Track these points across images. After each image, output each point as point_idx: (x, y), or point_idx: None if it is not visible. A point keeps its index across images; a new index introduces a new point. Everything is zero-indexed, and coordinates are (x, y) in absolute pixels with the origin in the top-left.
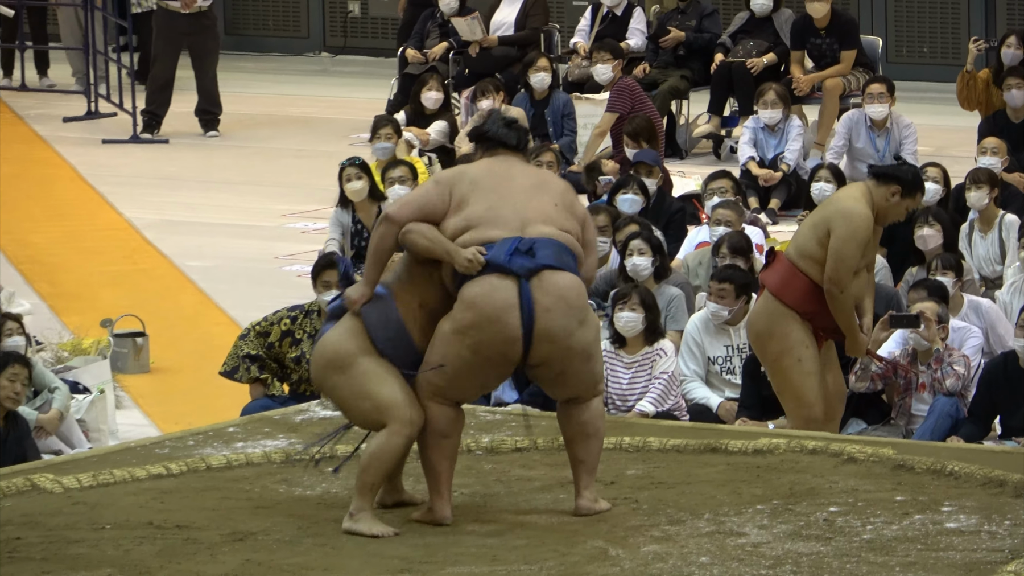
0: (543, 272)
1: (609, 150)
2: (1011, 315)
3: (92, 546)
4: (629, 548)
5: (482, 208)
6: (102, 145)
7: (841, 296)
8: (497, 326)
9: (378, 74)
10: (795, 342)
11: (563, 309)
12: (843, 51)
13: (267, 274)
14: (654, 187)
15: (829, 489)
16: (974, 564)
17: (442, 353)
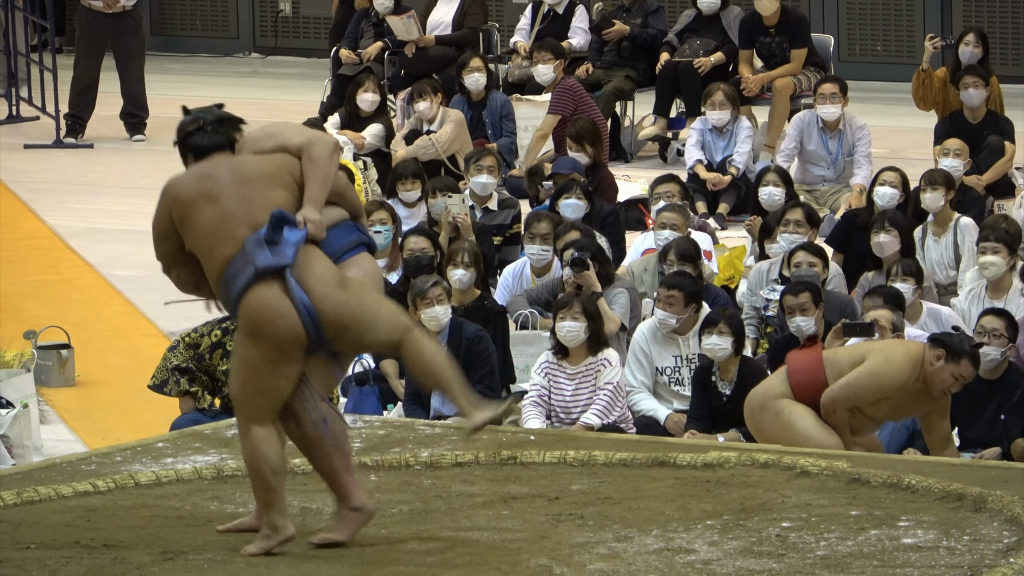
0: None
1: (551, 153)
2: (969, 322)
3: (16, 567)
4: (574, 566)
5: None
6: (24, 150)
7: (832, 414)
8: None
9: (311, 75)
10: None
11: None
12: (793, 50)
13: None
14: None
15: (782, 504)
16: None
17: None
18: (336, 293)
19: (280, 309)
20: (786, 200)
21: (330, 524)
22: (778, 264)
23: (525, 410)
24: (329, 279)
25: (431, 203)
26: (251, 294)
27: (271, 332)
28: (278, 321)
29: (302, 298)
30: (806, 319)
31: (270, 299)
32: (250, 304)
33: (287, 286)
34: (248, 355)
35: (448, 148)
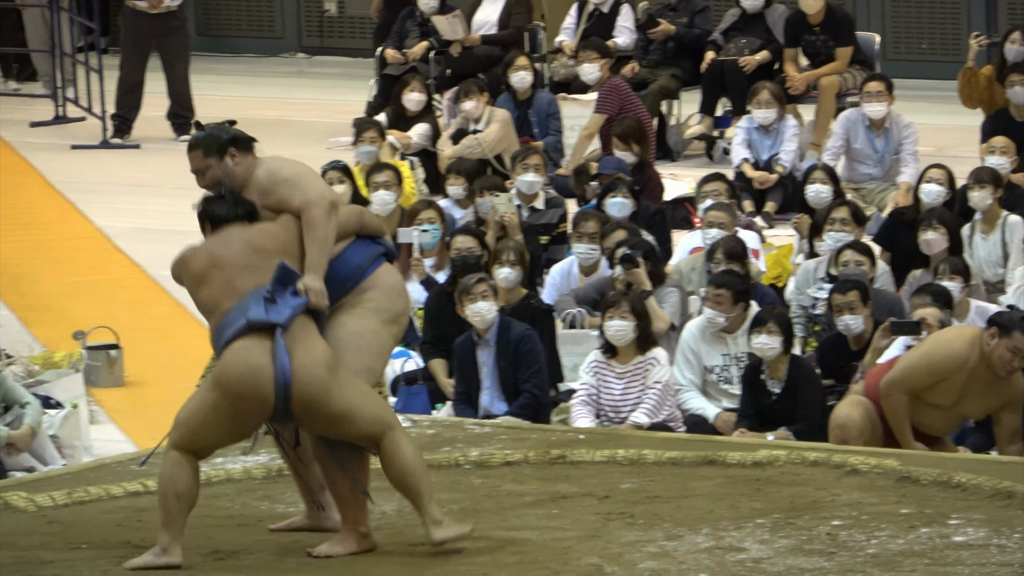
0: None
1: (598, 152)
2: None
3: (67, 567)
4: (625, 565)
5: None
6: (71, 151)
7: (888, 398)
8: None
9: (356, 75)
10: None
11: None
12: (839, 48)
13: None
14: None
15: (832, 502)
16: None
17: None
18: (320, 374)
19: (256, 366)
20: (833, 198)
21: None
22: (825, 263)
23: (574, 409)
24: (319, 358)
25: (478, 202)
26: (235, 344)
27: (238, 388)
28: (248, 379)
29: (283, 363)
30: (854, 317)
31: (250, 354)
32: (230, 353)
33: (274, 347)
34: (209, 398)
35: (494, 147)
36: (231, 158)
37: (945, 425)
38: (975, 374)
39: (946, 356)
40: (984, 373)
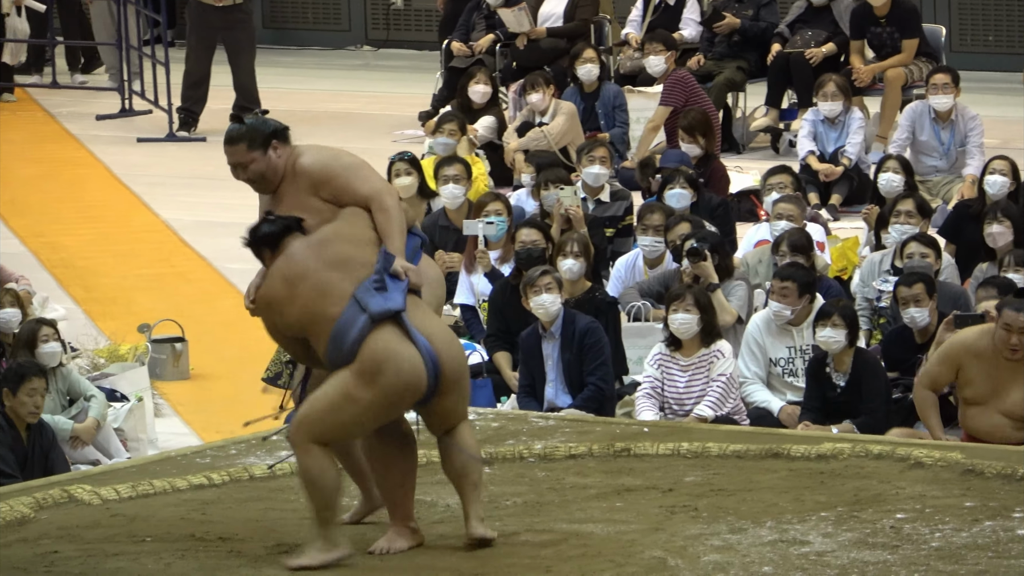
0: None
1: (663, 145)
2: None
3: (132, 560)
4: (688, 558)
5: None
6: (136, 144)
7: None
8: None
9: (422, 68)
10: None
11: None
12: (904, 40)
13: None
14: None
15: (896, 495)
16: None
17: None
18: (457, 347)
19: (406, 355)
20: (905, 189)
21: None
22: (891, 255)
23: (639, 402)
24: (446, 332)
25: (543, 195)
26: (372, 339)
27: (394, 378)
28: (404, 366)
29: (425, 345)
30: (920, 310)
31: (395, 345)
32: (374, 349)
33: (407, 332)
34: (357, 394)
35: (560, 140)
36: (274, 151)
37: (1008, 432)
38: (991, 361)
39: (952, 342)
40: (1001, 360)
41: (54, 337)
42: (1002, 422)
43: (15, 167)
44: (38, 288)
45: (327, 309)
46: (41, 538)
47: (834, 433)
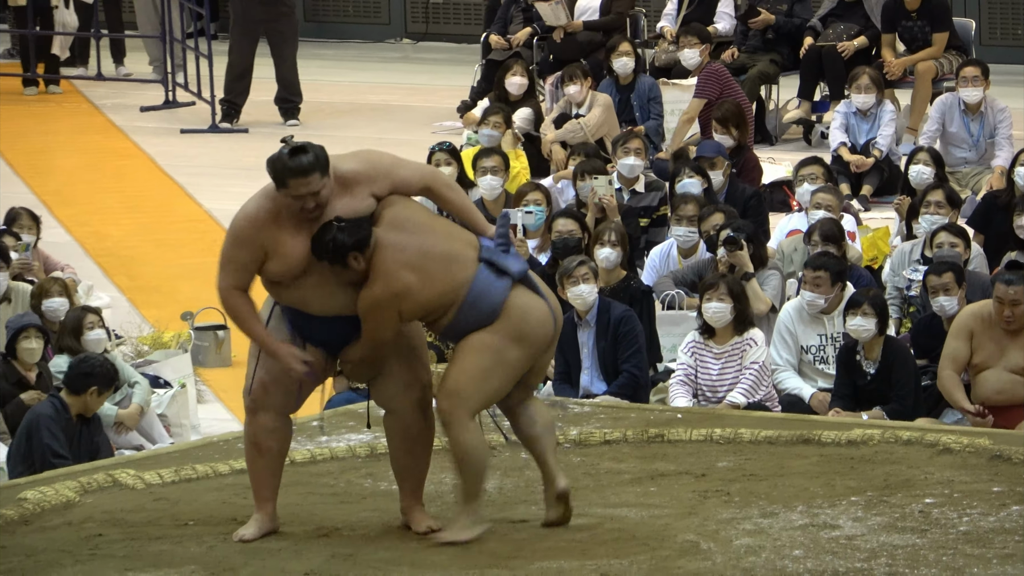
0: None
1: (697, 136)
2: None
3: (175, 543)
4: (721, 542)
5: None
6: (180, 135)
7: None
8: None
9: (461, 60)
10: None
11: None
12: (935, 34)
13: None
14: (720, 178)
15: (924, 480)
16: None
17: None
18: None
19: (544, 309)
20: (935, 180)
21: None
22: (920, 245)
23: (672, 389)
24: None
25: (579, 185)
26: (515, 297)
27: (541, 331)
28: (546, 319)
29: (548, 302)
30: (949, 299)
31: (533, 300)
32: (519, 307)
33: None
34: (509, 354)
35: (596, 132)
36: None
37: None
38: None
39: (960, 314)
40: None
41: (99, 324)
42: (1011, 379)
43: (61, 158)
44: (83, 277)
45: (458, 275)
46: (86, 521)
47: (864, 419)
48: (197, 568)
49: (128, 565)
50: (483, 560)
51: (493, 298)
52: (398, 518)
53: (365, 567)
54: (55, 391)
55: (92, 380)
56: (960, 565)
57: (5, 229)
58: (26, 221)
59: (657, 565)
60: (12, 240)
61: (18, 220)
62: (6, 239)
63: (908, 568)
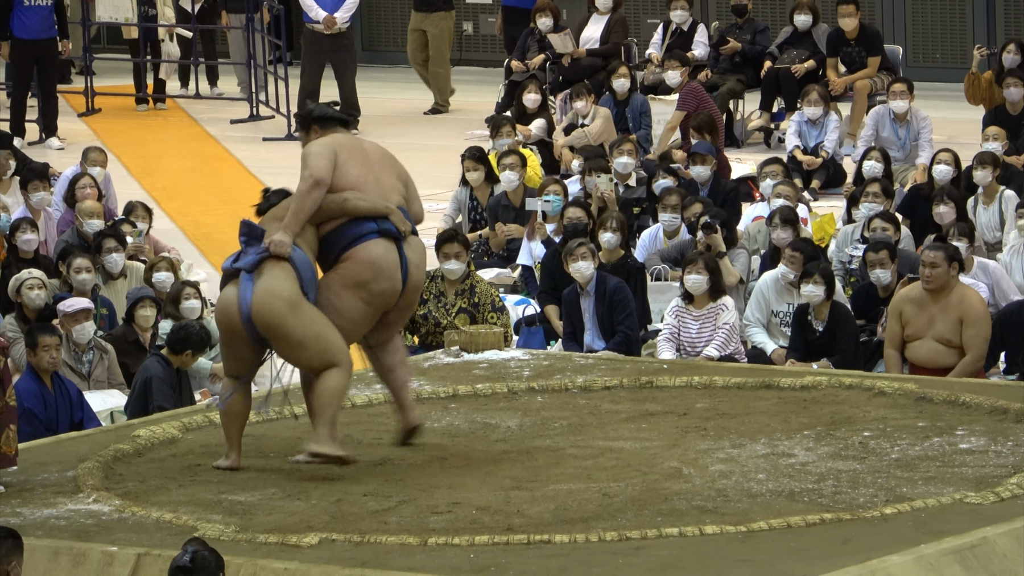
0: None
1: (679, 142)
2: (1011, 273)
3: (259, 471)
4: (699, 468)
5: (354, 177)
6: (262, 142)
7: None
8: (391, 281)
9: (488, 82)
10: None
11: (422, 267)
12: (870, 57)
13: None
14: (708, 172)
15: (863, 417)
16: (983, 477)
17: (341, 307)
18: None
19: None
20: (883, 174)
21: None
22: (860, 227)
23: (660, 345)
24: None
25: (586, 180)
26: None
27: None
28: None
29: (244, 295)
30: (884, 271)
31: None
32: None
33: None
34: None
35: (598, 138)
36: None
37: (945, 357)
38: (921, 302)
39: (893, 300)
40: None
41: (195, 296)
42: (937, 348)
43: (167, 161)
44: (185, 257)
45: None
46: (187, 454)
47: (814, 368)
48: (277, 491)
49: (222, 489)
50: (507, 483)
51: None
52: (438, 449)
53: (412, 489)
54: (156, 348)
55: (188, 345)
56: (892, 486)
57: (123, 218)
58: (140, 212)
59: (648, 487)
60: (129, 227)
61: (134, 211)
62: (124, 227)
63: (850, 488)
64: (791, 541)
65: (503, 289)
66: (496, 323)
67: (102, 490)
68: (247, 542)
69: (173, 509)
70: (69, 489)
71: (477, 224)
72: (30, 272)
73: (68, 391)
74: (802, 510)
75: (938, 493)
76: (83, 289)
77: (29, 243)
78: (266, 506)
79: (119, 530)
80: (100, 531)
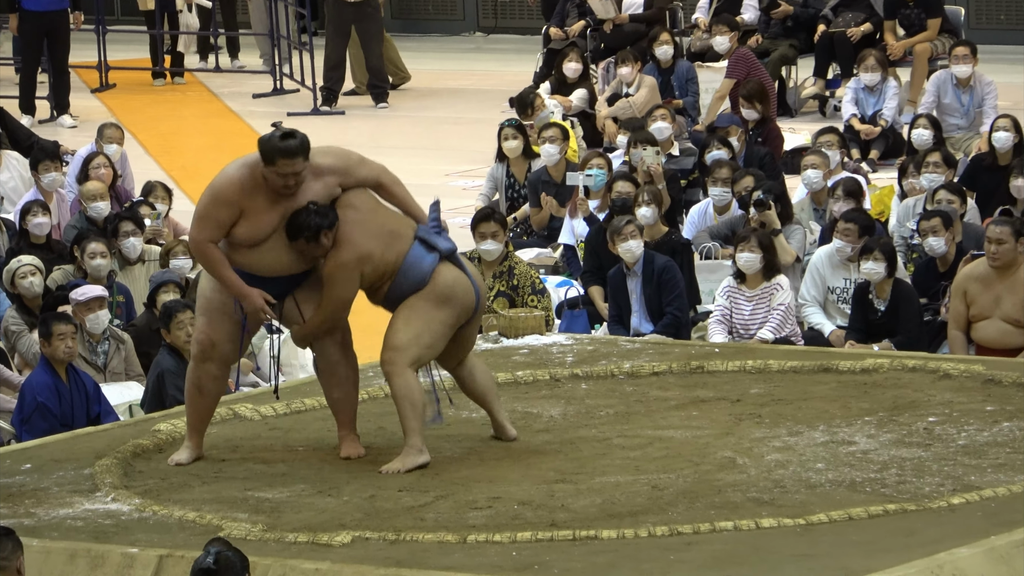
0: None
1: (729, 111)
2: None
3: (287, 466)
4: (754, 457)
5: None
6: (287, 118)
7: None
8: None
9: (525, 50)
10: None
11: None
12: (930, 19)
13: None
14: (736, 144)
15: (928, 402)
16: None
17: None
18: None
19: (467, 283)
20: (933, 142)
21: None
22: (923, 200)
23: (711, 327)
24: (476, 272)
25: (632, 152)
26: (442, 270)
27: (464, 299)
28: (470, 291)
29: (472, 279)
30: (937, 239)
31: (459, 275)
32: (445, 277)
33: (461, 267)
34: (437, 316)
35: (643, 109)
36: None
37: (1014, 337)
38: (987, 279)
39: (956, 278)
40: (995, 275)
41: None
42: (1005, 328)
43: (186, 139)
44: None
45: (400, 247)
46: (211, 449)
47: (875, 350)
48: (307, 487)
49: (248, 485)
50: (551, 476)
51: (423, 268)
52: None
53: (450, 483)
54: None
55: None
56: (959, 474)
57: (142, 200)
58: (160, 193)
59: (700, 478)
60: (148, 209)
61: (153, 192)
62: (143, 209)
63: (915, 477)
64: (852, 534)
65: (544, 270)
66: (537, 306)
67: (121, 488)
68: (275, 542)
69: (196, 508)
70: (86, 488)
71: (515, 203)
72: (19, 260)
73: (84, 384)
74: (864, 501)
75: (1008, 481)
76: (98, 276)
77: (41, 227)
78: (295, 503)
79: (139, 531)
80: (119, 532)
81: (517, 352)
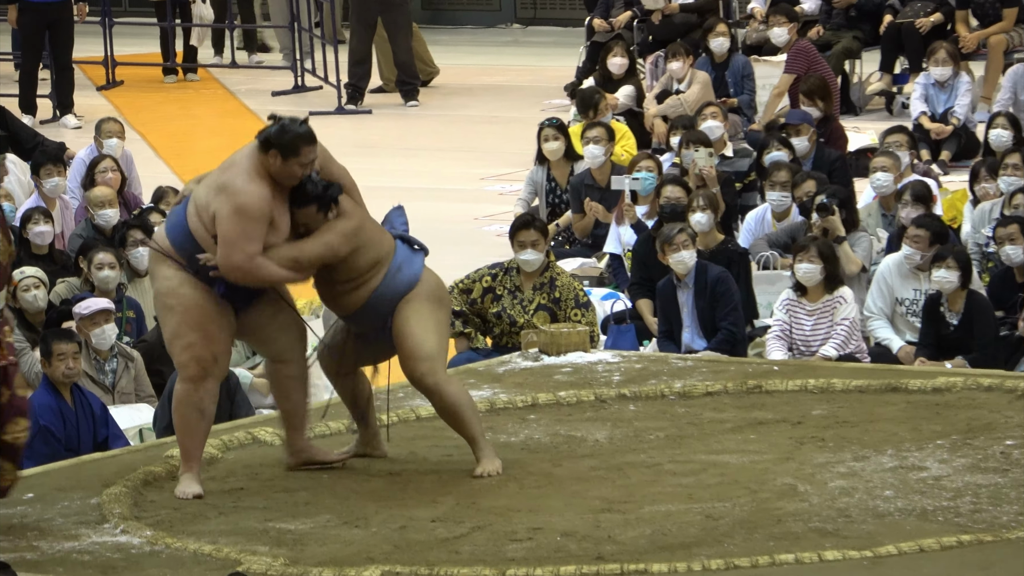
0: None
1: (787, 109)
2: None
3: (311, 494)
4: (817, 484)
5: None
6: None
7: None
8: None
9: (566, 43)
10: None
11: None
12: (1005, 9)
13: (467, 235)
14: (806, 145)
15: (1005, 423)
16: None
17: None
18: None
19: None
20: (1013, 143)
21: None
22: (1000, 204)
23: (769, 343)
24: None
25: (683, 154)
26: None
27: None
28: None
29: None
30: (1014, 247)
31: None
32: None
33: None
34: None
35: (694, 107)
36: None
37: None
38: None
39: None
40: None
41: None
42: None
43: (200, 140)
44: None
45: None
46: (228, 476)
47: (948, 368)
48: (332, 517)
49: (268, 516)
50: (596, 505)
51: (415, 267)
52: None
53: (487, 513)
54: None
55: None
56: None
57: (152, 206)
58: (172, 199)
59: (758, 507)
60: (159, 216)
61: (165, 198)
62: (153, 216)
63: (991, 505)
64: (924, 567)
65: (588, 282)
66: (580, 321)
67: (131, 519)
68: None
69: (213, 540)
70: (93, 519)
71: (556, 208)
72: (21, 272)
73: (91, 406)
74: (936, 531)
75: None
76: (106, 288)
77: (42, 236)
78: (319, 535)
79: (151, 565)
80: (129, 566)
81: (559, 370)
